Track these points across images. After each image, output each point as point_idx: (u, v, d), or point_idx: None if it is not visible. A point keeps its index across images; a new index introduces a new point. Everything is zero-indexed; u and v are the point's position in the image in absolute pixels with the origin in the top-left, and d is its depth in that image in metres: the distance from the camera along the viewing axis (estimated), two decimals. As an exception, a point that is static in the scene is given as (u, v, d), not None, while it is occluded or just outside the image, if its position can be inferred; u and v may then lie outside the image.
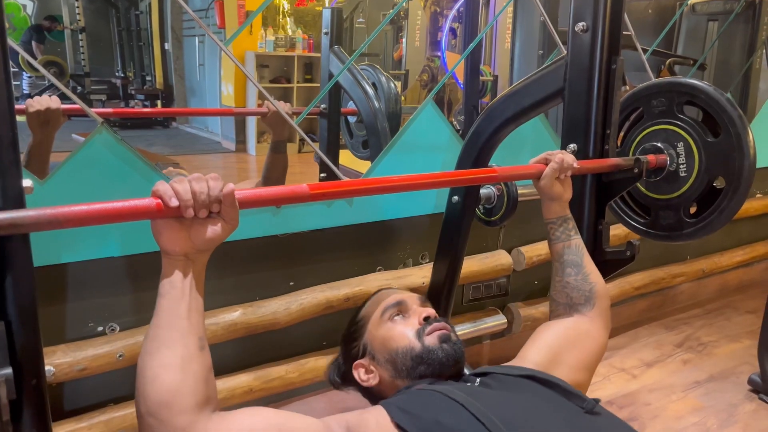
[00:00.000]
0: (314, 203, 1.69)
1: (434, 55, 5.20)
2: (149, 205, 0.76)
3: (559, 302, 1.17)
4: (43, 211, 0.70)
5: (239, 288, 1.64)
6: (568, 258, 1.18)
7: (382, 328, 1.10)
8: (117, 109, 2.16)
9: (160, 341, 0.78)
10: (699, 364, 2.34)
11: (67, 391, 1.47)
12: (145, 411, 0.77)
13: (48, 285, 1.39)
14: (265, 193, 0.87)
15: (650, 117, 1.44)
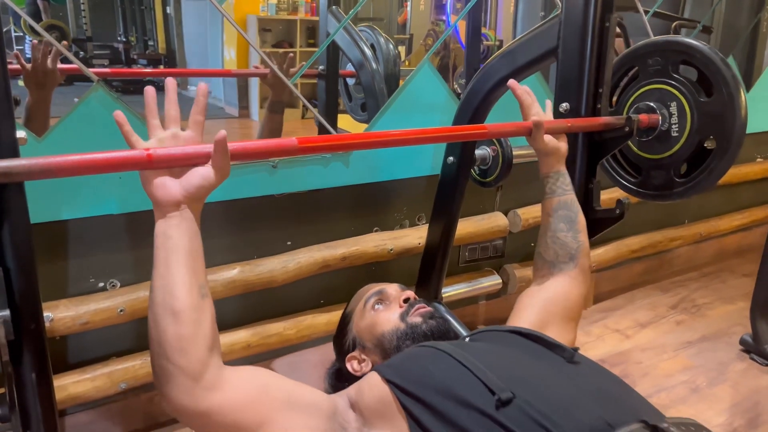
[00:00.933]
0: (311, 164, 1.71)
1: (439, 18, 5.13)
2: (140, 156, 0.77)
3: (545, 259, 1.19)
4: (36, 160, 0.72)
5: (238, 246, 1.67)
6: (562, 213, 1.19)
7: (366, 318, 1.14)
8: (113, 69, 2.15)
9: (164, 292, 0.79)
10: (692, 325, 2.38)
11: (71, 344, 1.52)
12: (162, 361, 0.79)
13: (49, 241, 1.43)
14: (255, 145, 0.88)
15: (645, 76, 1.43)
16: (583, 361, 0.93)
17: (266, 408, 0.83)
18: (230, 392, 0.81)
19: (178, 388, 0.78)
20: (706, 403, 1.90)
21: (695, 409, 1.86)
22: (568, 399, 0.80)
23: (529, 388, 0.81)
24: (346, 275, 1.83)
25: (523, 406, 0.78)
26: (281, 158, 1.66)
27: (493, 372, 0.83)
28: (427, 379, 0.84)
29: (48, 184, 1.37)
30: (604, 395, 0.83)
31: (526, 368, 0.88)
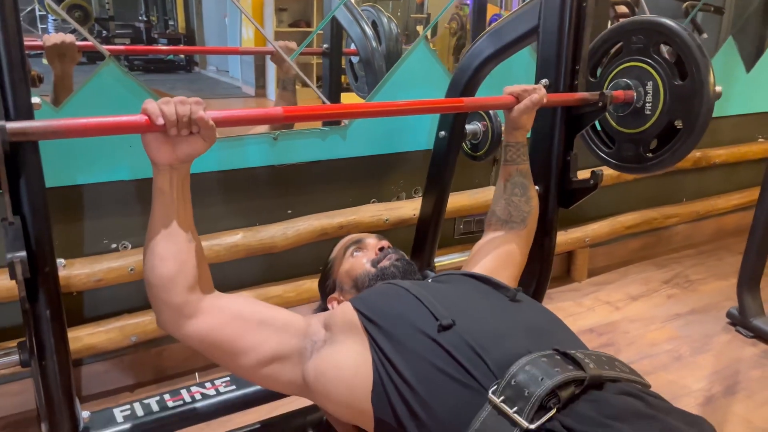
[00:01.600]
0: (310, 136, 1.81)
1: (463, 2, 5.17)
2: (139, 121, 0.87)
3: (499, 217, 1.32)
4: (49, 122, 0.83)
5: (241, 213, 1.78)
6: (518, 180, 1.31)
7: (345, 263, 1.25)
8: (128, 47, 2.26)
9: (156, 238, 0.92)
10: (683, 299, 2.45)
11: (87, 299, 1.65)
12: (151, 295, 0.94)
13: (67, 204, 1.55)
14: (240, 114, 0.98)
15: (628, 52, 1.48)
16: (524, 299, 1.04)
17: (238, 329, 0.96)
18: (207, 319, 0.95)
19: (165, 317, 0.95)
20: (687, 370, 1.98)
21: (676, 375, 1.95)
22: (500, 330, 0.91)
23: (469, 319, 0.92)
24: (343, 243, 1.94)
25: (460, 333, 0.89)
26: (282, 131, 1.76)
27: (440, 304, 0.95)
28: (386, 308, 0.97)
29: (65, 152, 1.49)
30: (534, 329, 0.94)
31: (470, 303, 1.00)
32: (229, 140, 1.69)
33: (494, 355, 0.85)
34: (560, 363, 0.83)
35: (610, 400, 0.80)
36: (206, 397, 1.22)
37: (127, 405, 1.18)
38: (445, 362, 0.87)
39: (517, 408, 0.78)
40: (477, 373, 0.84)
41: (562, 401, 0.78)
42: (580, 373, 0.81)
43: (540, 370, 0.81)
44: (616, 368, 0.87)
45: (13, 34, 0.84)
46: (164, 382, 1.80)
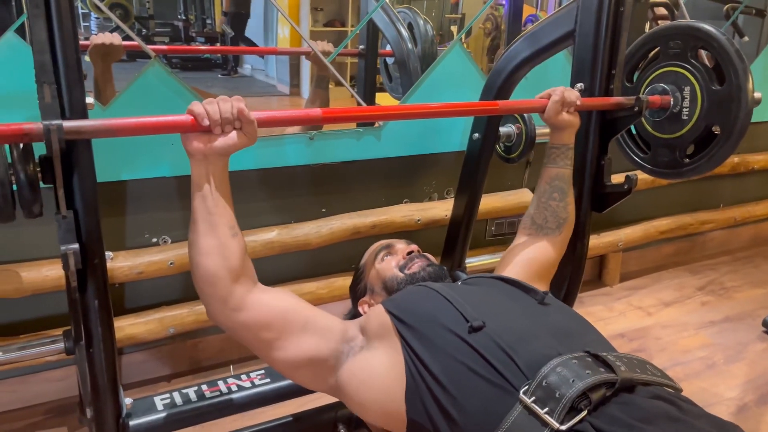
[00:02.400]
0: (345, 137, 1.84)
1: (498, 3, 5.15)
2: (185, 121, 0.91)
3: (534, 221, 1.31)
4: (101, 121, 0.88)
5: (276, 211, 1.82)
6: (558, 184, 1.31)
7: (375, 267, 1.28)
8: (170, 47, 2.31)
9: (198, 233, 0.95)
10: (717, 306, 2.42)
11: (128, 291, 1.71)
12: (198, 289, 0.98)
13: (111, 199, 1.61)
14: (279, 115, 1.00)
15: (665, 57, 1.48)
16: (552, 303, 1.05)
17: (282, 329, 0.99)
18: (252, 313, 0.98)
19: (212, 309, 0.99)
20: (720, 378, 1.96)
21: (708, 383, 1.93)
22: (530, 331, 0.92)
23: (498, 321, 0.94)
24: (375, 241, 1.96)
25: (490, 334, 0.91)
26: (317, 131, 1.80)
27: (470, 306, 0.97)
28: (417, 310, 1.00)
29: (110, 148, 1.55)
30: (563, 331, 0.95)
31: (500, 305, 1.01)
32: (266, 140, 1.73)
33: (524, 356, 0.87)
34: (591, 365, 0.84)
35: (641, 403, 0.81)
36: (242, 389, 1.26)
37: (166, 394, 1.23)
38: (476, 362, 0.89)
39: (548, 409, 0.80)
40: (508, 373, 0.86)
41: (593, 403, 0.79)
42: (611, 375, 0.82)
43: (571, 372, 0.82)
44: (648, 372, 0.88)
45: (69, 38, 0.88)
46: (199, 373, 1.85)
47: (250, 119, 0.92)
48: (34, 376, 1.67)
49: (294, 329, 1.00)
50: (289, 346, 0.99)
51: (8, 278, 1.49)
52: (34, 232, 1.53)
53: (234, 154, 0.96)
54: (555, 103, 1.25)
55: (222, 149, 0.93)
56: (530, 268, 1.24)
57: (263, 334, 0.99)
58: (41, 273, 1.52)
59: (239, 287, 0.97)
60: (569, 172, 1.33)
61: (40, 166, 0.92)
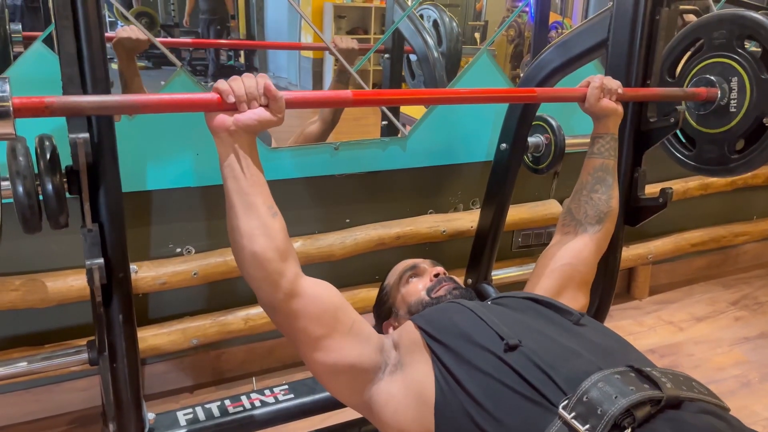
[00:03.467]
0: (370, 147, 1.82)
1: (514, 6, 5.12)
2: (211, 99, 0.88)
3: (573, 216, 1.25)
4: (124, 97, 0.83)
5: (300, 222, 1.81)
6: (601, 175, 1.23)
7: (401, 289, 1.25)
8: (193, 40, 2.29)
9: (237, 217, 0.90)
10: (751, 322, 2.35)
11: (151, 301, 1.71)
12: (247, 276, 0.93)
13: (136, 209, 1.61)
14: (311, 95, 0.98)
15: (710, 49, 1.41)
16: (588, 323, 1.01)
17: (332, 326, 0.95)
18: (307, 301, 0.94)
19: (263, 294, 0.94)
20: (756, 397, 1.89)
21: (743, 402, 1.87)
22: (568, 349, 0.89)
23: (534, 340, 0.91)
24: (400, 253, 1.94)
25: (527, 353, 0.87)
26: (343, 141, 1.78)
27: (505, 325, 0.94)
28: (450, 326, 0.96)
29: (137, 158, 1.55)
30: (603, 349, 0.91)
31: (534, 325, 0.97)
32: (291, 150, 1.72)
33: (563, 373, 0.83)
34: (635, 381, 0.80)
35: (689, 419, 0.77)
36: (265, 405, 1.24)
37: (189, 408, 1.21)
38: (513, 380, 0.85)
39: (590, 426, 0.76)
40: (546, 390, 0.83)
41: (638, 421, 0.76)
42: (656, 392, 0.79)
43: (614, 388, 0.79)
44: (694, 389, 0.84)
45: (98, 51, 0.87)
46: (222, 384, 1.83)
47: (276, 95, 0.88)
48: (59, 386, 1.66)
49: (342, 329, 0.96)
50: (334, 346, 0.95)
51: (34, 288, 1.49)
52: (59, 242, 1.53)
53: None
54: (595, 89, 1.20)
55: (248, 124, 0.88)
56: (567, 276, 1.19)
57: (312, 328, 0.94)
58: (66, 283, 1.51)
59: (289, 268, 0.93)
60: (613, 163, 1.26)
61: (67, 177, 0.91)
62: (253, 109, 0.88)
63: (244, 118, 0.88)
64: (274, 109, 0.89)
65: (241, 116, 0.88)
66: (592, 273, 1.23)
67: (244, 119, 0.88)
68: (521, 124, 1.69)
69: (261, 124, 0.89)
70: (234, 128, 0.88)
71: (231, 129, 0.88)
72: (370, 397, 0.98)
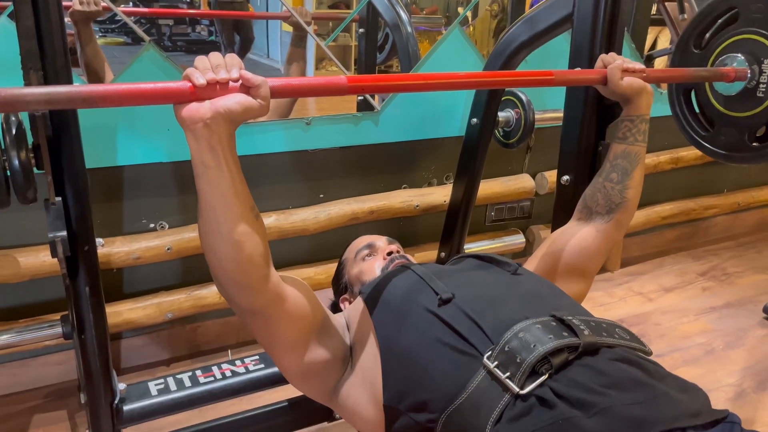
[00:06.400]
0: (342, 122, 1.83)
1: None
2: (182, 88, 0.73)
3: (586, 204, 1.19)
4: (78, 88, 0.69)
5: (274, 197, 1.82)
6: (621, 163, 1.15)
7: (355, 267, 1.27)
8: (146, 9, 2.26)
9: (218, 222, 0.79)
10: (718, 292, 2.41)
11: (126, 276, 1.72)
12: (228, 281, 0.85)
13: (107, 184, 1.61)
14: (301, 83, 0.87)
15: (745, 22, 1.27)
16: (524, 273, 1.05)
17: (309, 326, 0.95)
18: (290, 305, 0.91)
19: (242, 300, 0.87)
20: (719, 364, 1.95)
21: (706, 369, 1.93)
22: (498, 298, 0.93)
23: (467, 291, 0.95)
24: (374, 227, 1.96)
25: (459, 304, 0.91)
26: (314, 116, 1.79)
27: (441, 281, 0.98)
28: (391, 290, 1.01)
29: (107, 134, 1.55)
30: (532, 297, 0.95)
31: (470, 278, 1.03)
32: (262, 125, 1.73)
33: (490, 321, 0.87)
34: (555, 329, 0.84)
35: (604, 366, 0.80)
36: (236, 375, 1.27)
37: (161, 379, 1.24)
38: (444, 333, 0.89)
39: (509, 373, 0.80)
40: (474, 339, 0.86)
41: (554, 367, 0.79)
42: (573, 339, 0.82)
43: (533, 336, 0.82)
44: (615, 335, 0.87)
45: (56, 24, 0.88)
46: (198, 357, 1.86)
47: (255, 81, 0.75)
48: (34, 360, 1.68)
49: (317, 328, 0.97)
50: (310, 346, 0.95)
51: (6, 263, 1.50)
52: (31, 218, 1.54)
53: None
54: (615, 69, 1.09)
55: (231, 109, 0.74)
56: (564, 262, 1.15)
57: (290, 331, 0.93)
58: (39, 258, 1.52)
59: (272, 271, 0.88)
60: (639, 149, 1.14)
61: (34, 153, 0.92)
62: (233, 93, 0.75)
63: (225, 103, 0.74)
64: (257, 95, 0.76)
65: (221, 100, 0.74)
66: (594, 263, 1.17)
67: (224, 104, 0.74)
68: (492, 99, 1.71)
69: (245, 111, 0.75)
70: (211, 117, 0.73)
71: (207, 119, 0.73)
72: (337, 390, 1.01)
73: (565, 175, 1.49)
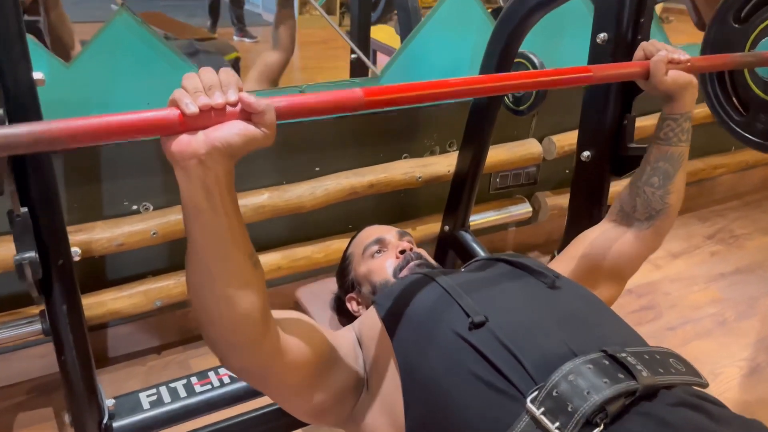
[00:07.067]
0: (338, 87, 1.67)
1: None
2: (170, 117, 0.58)
3: (622, 207, 1.09)
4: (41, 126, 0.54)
5: (266, 173, 1.69)
6: (663, 166, 1.04)
7: (364, 264, 1.15)
8: None
9: (210, 275, 0.67)
10: (727, 257, 2.34)
11: (109, 263, 1.59)
12: (218, 340, 0.73)
13: (83, 165, 1.47)
14: (310, 100, 0.69)
15: None
16: (564, 285, 0.93)
17: (315, 367, 0.83)
18: (292, 356, 0.79)
19: (236, 359, 0.75)
20: (732, 337, 1.90)
21: (719, 342, 1.87)
22: (537, 324, 0.82)
23: (502, 313, 0.83)
24: (374, 201, 1.85)
25: (493, 329, 0.80)
26: (308, 83, 1.63)
27: (471, 297, 0.85)
28: (411, 302, 0.89)
29: (79, 110, 1.39)
30: (575, 321, 0.84)
31: (504, 294, 0.90)
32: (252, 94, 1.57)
33: (531, 355, 0.76)
34: (608, 370, 0.73)
35: (665, 414, 0.71)
36: (235, 380, 1.17)
37: (153, 389, 1.13)
38: (478, 364, 0.78)
39: (560, 423, 0.69)
40: (513, 376, 0.75)
41: (610, 416, 0.69)
42: (631, 384, 0.72)
43: (586, 381, 0.71)
44: (671, 369, 0.78)
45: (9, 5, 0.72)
46: (190, 343, 1.76)
47: (258, 106, 0.61)
48: (16, 354, 1.57)
49: (326, 365, 0.86)
50: (320, 385, 0.85)
51: (-25, 256, 1.37)
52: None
53: None
54: (660, 62, 0.97)
55: (229, 142, 0.60)
56: (603, 267, 1.05)
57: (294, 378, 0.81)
58: (11, 249, 1.39)
59: (271, 324, 0.76)
60: (682, 150, 1.04)
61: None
62: (232, 122, 0.61)
63: (223, 134, 0.60)
64: (261, 122, 0.62)
65: (218, 131, 0.60)
66: (631, 270, 1.08)
67: (222, 136, 0.60)
68: (502, 62, 1.57)
69: (246, 143, 0.61)
70: (206, 153, 0.60)
71: (201, 155, 0.60)
72: (354, 417, 0.91)
73: (585, 150, 1.37)
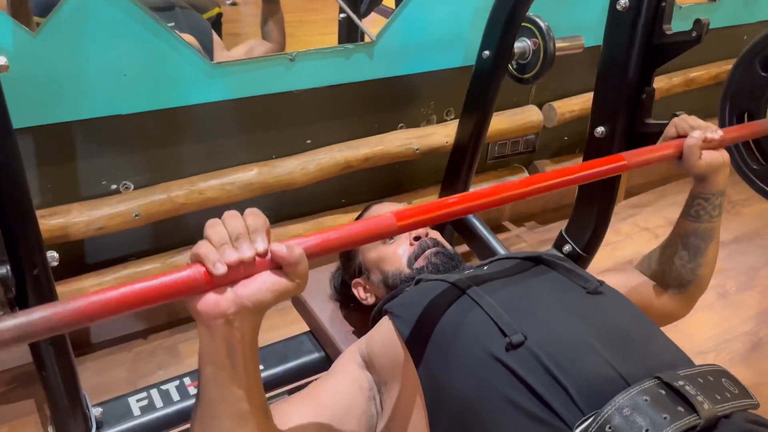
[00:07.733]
0: (331, 56, 1.56)
1: None
2: (194, 276, 0.53)
3: (653, 269, 1.06)
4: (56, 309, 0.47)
5: (254, 146, 1.58)
6: (692, 241, 1.01)
7: (374, 250, 1.06)
8: None
9: (222, 429, 0.63)
10: (725, 225, 2.23)
11: (89, 247, 1.49)
12: None
13: (56, 143, 1.35)
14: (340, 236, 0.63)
15: None
16: (606, 291, 0.85)
17: None
18: None
19: None
20: (733, 309, 1.87)
21: (721, 316, 1.84)
22: (581, 342, 0.74)
23: (541, 329, 0.75)
24: (368, 174, 1.75)
25: (533, 349, 0.72)
26: (299, 51, 1.51)
27: (506, 311, 0.77)
28: (436, 314, 0.80)
29: (51, 86, 1.26)
30: (621, 337, 0.77)
31: (542, 304, 0.82)
32: (239, 65, 1.45)
33: (577, 381, 0.69)
34: (666, 402, 0.66)
35: None
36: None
37: (143, 393, 1.05)
38: (516, 390, 0.70)
39: None
40: (557, 405, 0.68)
41: None
42: (693, 418, 0.66)
43: (643, 416, 0.64)
44: (726, 393, 0.72)
45: None
46: (178, 326, 1.68)
47: (291, 258, 0.57)
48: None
49: None
50: None
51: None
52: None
53: (196, 83, 0.58)
54: (694, 147, 0.92)
55: (260, 301, 0.57)
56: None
57: None
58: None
59: None
60: (714, 225, 1.01)
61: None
62: (261, 275, 0.57)
63: (253, 292, 0.56)
64: (294, 272, 0.58)
65: (247, 288, 0.56)
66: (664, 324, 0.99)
67: (252, 293, 0.56)
68: (508, 27, 1.47)
69: (277, 298, 0.58)
70: (235, 312, 0.56)
71: (230, 314, 0.56)
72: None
73: (599, 126, 1.29)
